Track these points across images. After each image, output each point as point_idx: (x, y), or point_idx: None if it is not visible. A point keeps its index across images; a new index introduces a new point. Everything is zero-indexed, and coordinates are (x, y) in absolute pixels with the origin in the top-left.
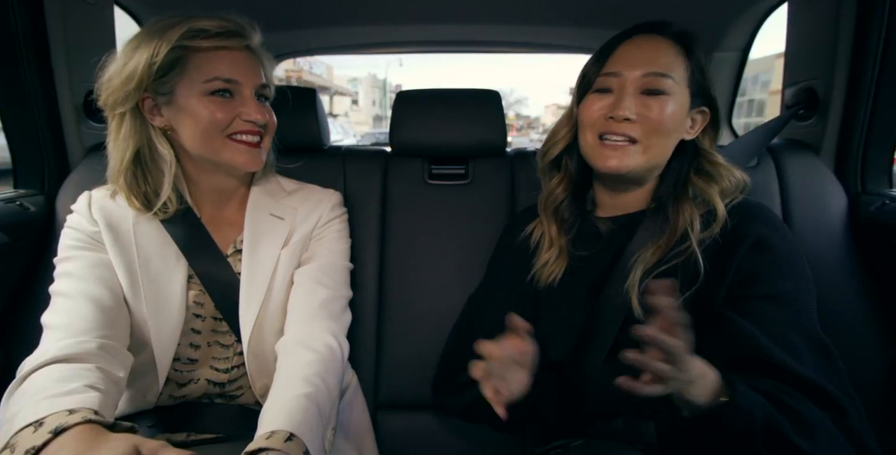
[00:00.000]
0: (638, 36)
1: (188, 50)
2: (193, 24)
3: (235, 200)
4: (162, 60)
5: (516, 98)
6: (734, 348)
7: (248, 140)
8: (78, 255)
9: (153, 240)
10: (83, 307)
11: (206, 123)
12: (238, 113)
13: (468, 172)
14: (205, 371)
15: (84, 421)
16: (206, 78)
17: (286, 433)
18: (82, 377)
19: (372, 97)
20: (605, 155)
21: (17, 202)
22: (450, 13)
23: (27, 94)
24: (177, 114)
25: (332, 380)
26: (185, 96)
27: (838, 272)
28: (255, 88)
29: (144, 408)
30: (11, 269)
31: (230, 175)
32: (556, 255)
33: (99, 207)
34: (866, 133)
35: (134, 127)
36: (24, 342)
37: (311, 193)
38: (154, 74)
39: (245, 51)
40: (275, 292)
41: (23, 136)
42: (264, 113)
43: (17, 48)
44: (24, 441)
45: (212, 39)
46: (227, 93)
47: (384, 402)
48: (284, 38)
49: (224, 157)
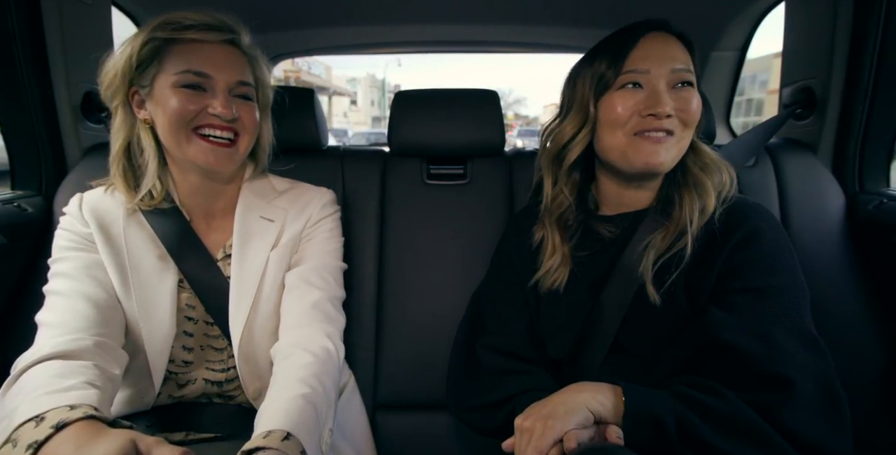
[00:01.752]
0: (651, 33)
1: (167, 42)
2: (171, 16)
3: (224, 203)
4: (140, 53)
5: (515, 98)
6: (701, 336)
7: (215, 137)
8: (71, 255)
9: (143, 242)
10: (78, 305)
11: (172, 113)
12: (206, 105)
13: (466, 172)
14: (201, 372)
15: (85, 417)
16: (179, 70)
17: (283, 432)
18: (80, 374)
19: (371, 97)
20: (646, 151)
21: (14, 203)
22: (448, 13)
23: (24, 95)
24: (154, 106)
25: (328, 381)
26: (160, 88)
27: (836, 271)
28: (231, 85)
29: (142, 408)
30: (9, 269)
31: (209, 176)
32: (559, 261)
33: (90, 209)
34: (864, 132)
35: (124, 120)
36: (22, 343)
37: (301, 193)
38: (134, 67)
39: (224, 46)
40: (264, 295)
41: (20, 137)
42: (232, 108)
43: (14, 49)
44: (27, 435)
45: (187, 31)
46: (198, 87)
47: (383, 402)
48: (283, 39)
49: (189, 154)
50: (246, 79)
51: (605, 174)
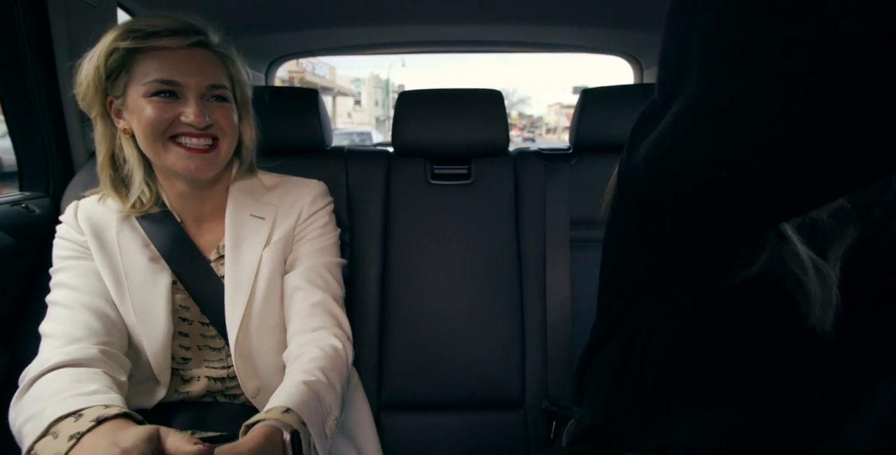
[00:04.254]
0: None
1: (131, 51)
2: (131, 25)
3: (213, 204)
4: (107, 63)
5: (519, 98)
6: None
7: (192, 144)
8: (70, 264)
9: (136, 247)
10: (80, 316)
11: (146, 124)
12: (179, 113)
13: (470, 172)
14: (202, 370)
15: (122, 413)
16: (147, 79)
17: (283, 407)
18: (96, 380)
19: (375, 98)
20: None
21: (22, 205)
22: (452, 13)
23: (32, 97)
24: (129, 115)
25: (333, 375)
26: (133, 98)
27: None
28: (203, 89)
29: (150, 406)
30: (17, 270)
31: (193, 181)
32: None
33: (85, 216)
34: None
35: (104, 130)
36: (30, 343)
37: (291, 188)
38: (104, 77)
39: (193, 49)
40: (259, 294)
41: (28, 138)
42: (205, 115)
43: (22, 51)
44: (67, 428)
45: (147, 39)
46: (169, 94)
47: (387, 402)
48: (285, 40)
49: (168, 162)
50: (219, 81)
51: None
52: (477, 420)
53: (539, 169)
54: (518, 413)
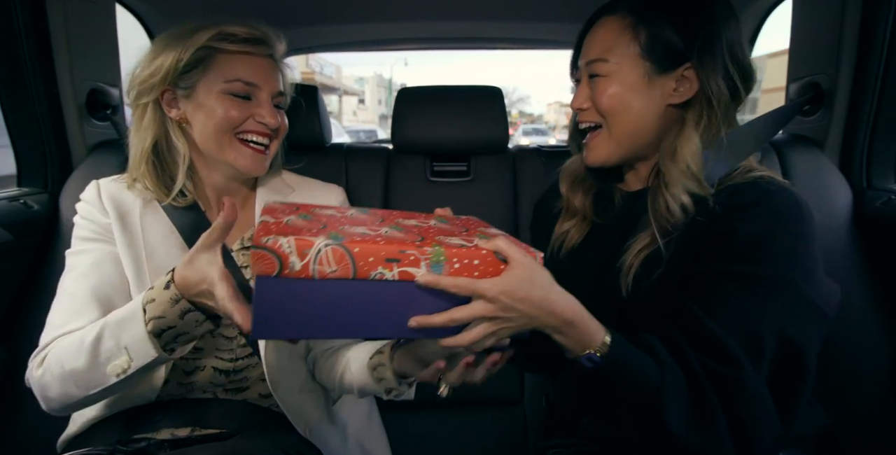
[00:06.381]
0: (595, 24)
1: (215, 50)
2: (224, 28)
3: (239, 199)
4: (188, 58)
5: (519, 96)
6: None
7: (255, 142)
8: (88, 248)
9: (159, 231)
10: (86, 309)
11: (220, 119)
12: (252, 114)
13: (470, 169)
14: (210, 360)
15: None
16: (228, 78)
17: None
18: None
19: (378, 96)
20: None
21: (20, 200)
22: (453, 10)
23: (30, 93)
24: (194, 108)
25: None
26: (204, 93)
27: (843, 268)
28: (272, 95)
29: (150, 400)
30: (15, 266)
31: (234, 176)
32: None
33: (110, 198)
34: (871, 128)
35: (154, 118)
36: (29, 339)
37: (314, 190)
38: (180, 70)
39: (267, 58)
40: None
41: (26, 134)
42: (277, 117)
43: (20, 47)
44: (157, 284)
45: (239, 44)
46: (244, 96)
47: (387, 401)
48: (288, 36)
49: (228, 157)
50: (283, 89)
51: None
52: (477, 417)
53: (538, 166)
54: (518, 409)
